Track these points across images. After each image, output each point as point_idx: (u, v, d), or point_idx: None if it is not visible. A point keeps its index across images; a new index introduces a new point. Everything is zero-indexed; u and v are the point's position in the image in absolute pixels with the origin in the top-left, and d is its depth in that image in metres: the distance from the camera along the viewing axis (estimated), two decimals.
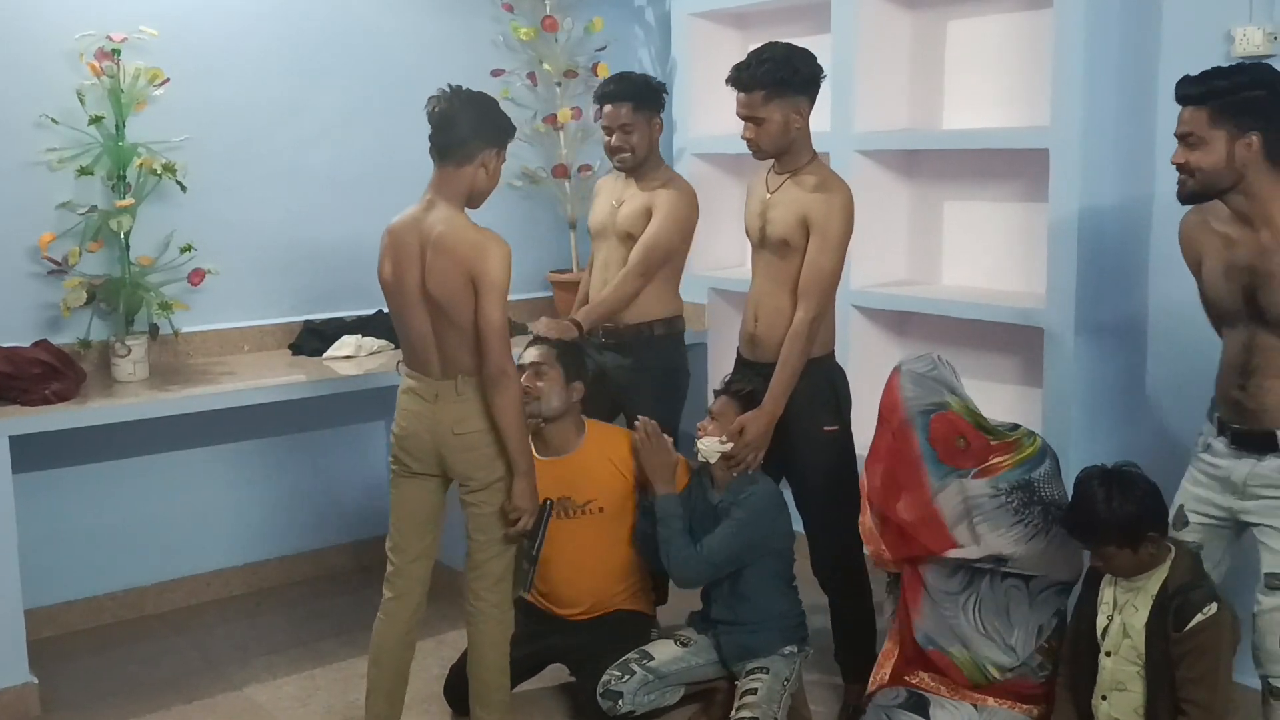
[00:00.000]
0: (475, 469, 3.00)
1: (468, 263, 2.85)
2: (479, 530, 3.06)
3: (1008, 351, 3.95)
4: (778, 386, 3.16)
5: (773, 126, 3.20)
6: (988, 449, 2.97)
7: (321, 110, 4.45)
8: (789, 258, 3.25)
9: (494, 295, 2.85)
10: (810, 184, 3.22)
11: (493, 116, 2.96)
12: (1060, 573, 2.99)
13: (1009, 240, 3.99)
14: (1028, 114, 3.86)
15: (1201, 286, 2.79)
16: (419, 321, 2.98)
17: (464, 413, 2.98)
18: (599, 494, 3.35)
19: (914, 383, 3.05)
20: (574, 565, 3.37)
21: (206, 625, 4.17)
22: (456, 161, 2.92)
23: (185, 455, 4.28)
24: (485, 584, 3.07)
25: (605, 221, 3.83)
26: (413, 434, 3.05)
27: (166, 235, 4.08)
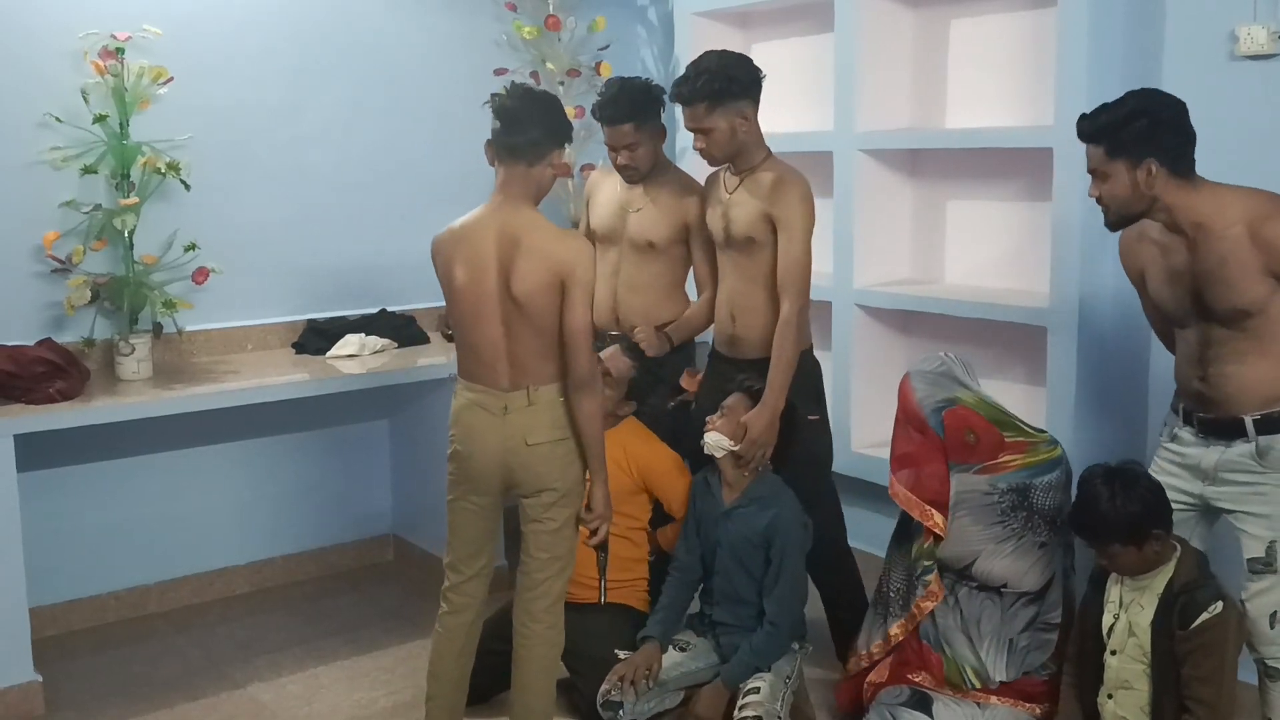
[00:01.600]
0: (550, 480, 2.90)
1: (559, 263, 2.79)
2: (542, 548, 2.94)
3: (1011, 351, 3.95)
4: (776, 380, 3.18)
5: (720, 135, 3.26)
6: (1000, 445, 2.97)
7: (324, 109, 4.45)
8: (756, 254, 3.30)
9: (584, 296, 2.79)
10: (767, 181, 3.27)
11: (560, 115, 2.93)
12: (1026, 582, 3.00)
13: (1012, 239, 4.00)
14: (1031, 113, 3.86)
15: (1145, 298, 2.90)
16: (492, 327, 2.87)
17: (537, 423, 2.88)
18: None
19: (924, 382, 3.07)
20: None
21: (209, 624, 4.17)
22: (529, 161, 2.87)
23: (189, 454, 4.28)
24: (543, 604, 2.95)
25: (613, 226, 3.75)
26: (477, 452, 2.92)
27: (170, 234, 4.08)
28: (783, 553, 3.12)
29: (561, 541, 2.95)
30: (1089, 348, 3.56)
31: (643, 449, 3.42)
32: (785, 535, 3.13)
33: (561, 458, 2.90)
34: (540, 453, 2.89)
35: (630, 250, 3.73)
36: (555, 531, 2.93)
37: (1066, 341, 3.56)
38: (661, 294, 3.73)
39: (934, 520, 3.04)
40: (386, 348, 4.29)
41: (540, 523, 2.94)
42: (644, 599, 3.49)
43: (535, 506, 2.93)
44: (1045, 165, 3.65)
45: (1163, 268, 2.77)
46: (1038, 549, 2.97)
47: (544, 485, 2.91)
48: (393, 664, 3.79)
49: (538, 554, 2.95)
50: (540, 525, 2.94)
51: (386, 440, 4.69)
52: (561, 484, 2.91)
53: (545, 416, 2.89)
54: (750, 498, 3.19)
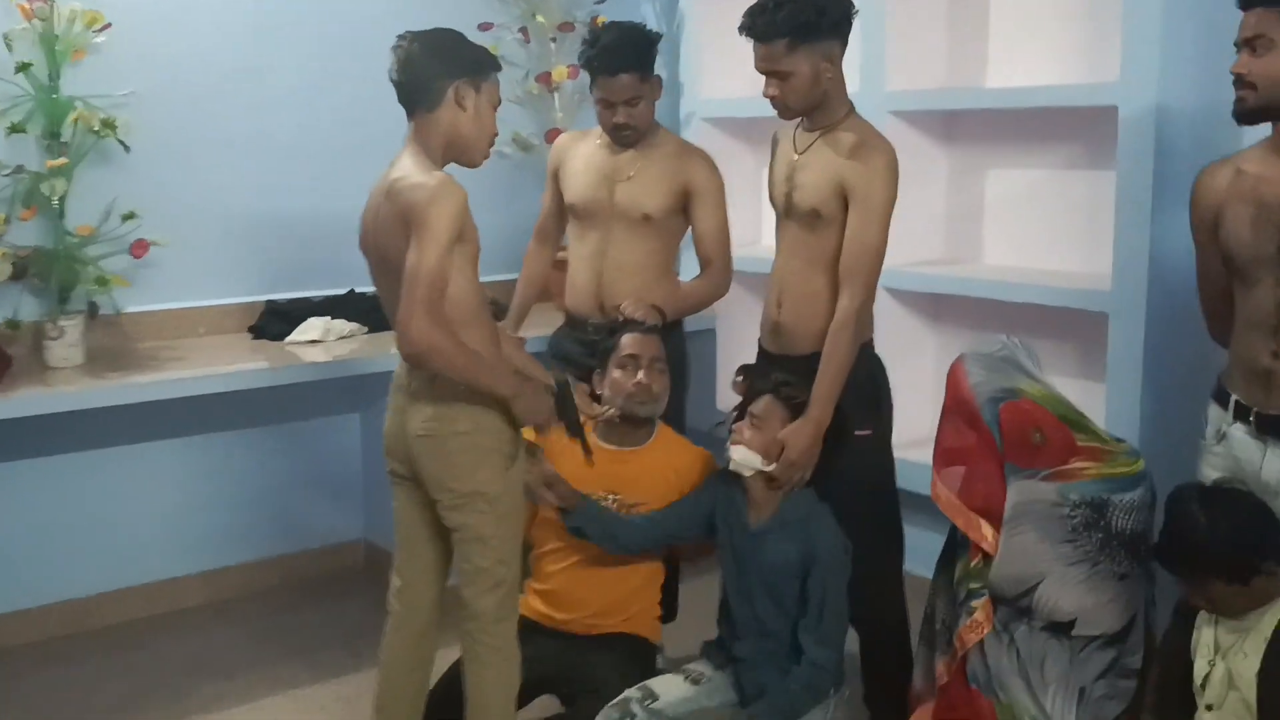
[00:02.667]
0: (446, 478, 2.51)
1: (406, 206, 2.37)
2: (464, 558, 2.56)
3: (1061, 340, 3.48)
4: (823, 389, 2.67)
5: (800, 80, 2.71)
6: (1071, 449, 2.49)
7: (289, 67, 3.97)
8: (820, 231, 2.79)
9: (426, 239, 2.32)
10: (847, 144, 2.74)
11: (454, 43, 2.49)
12: (1102, 622, 2.53)
13: (1064, 213, 3.54)
14: (1089, 68, 3.39)
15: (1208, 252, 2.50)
16: (385, 289, 2.53)
17: (432, 412, 2.50)
18: (650, 499, 2.89)
19: (981, 366, 2.59)
20: (589, 573, 2.92)
21: (156, 642, 3.71)
22: (426, 105, 2.46)
23: (133, 451, 3.82)
24: (479, 625, 2.56)
25: (597, 198, 3.25)
26: (391, 434, 2.62)
27: (108, 203, 3.62)
28: (824, 585, 2.64)
29: (484, 551, 2.53)
30: (1158, 338, 3.10)
31: (692, 457, 2.96)
32: (826, 564, 2.65)
33: (455, 454, 2.49)
34: (426, 446, 2.50)
35: (620, 226, 3.24)
36: (471, 542, 2.53)
37: (1132, 330, 3.10)
38: (654, 276, 3.26)
39: (982, 533, 2.58)
40: (355, 333, 3.83)
41: (457, 531, 2.54)
42: (657, 627, 3.05)
43: (443, 508, 2.54)
44: (1106, 127, 3.19)
45: (1252, 202, 2.33)
46: (1116, 581, 2.49)
47: (439, 485, 2.52)
48: (354, 693, 3.33)
49: (463, 566, 2.57)
50: (458, 534, 2.55)
51: (357, 436, 4.24)
52: (459, 484, 2.50)
53: (430, 403, 2.48)
54: (782, 520, 2.70)
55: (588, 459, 2.77)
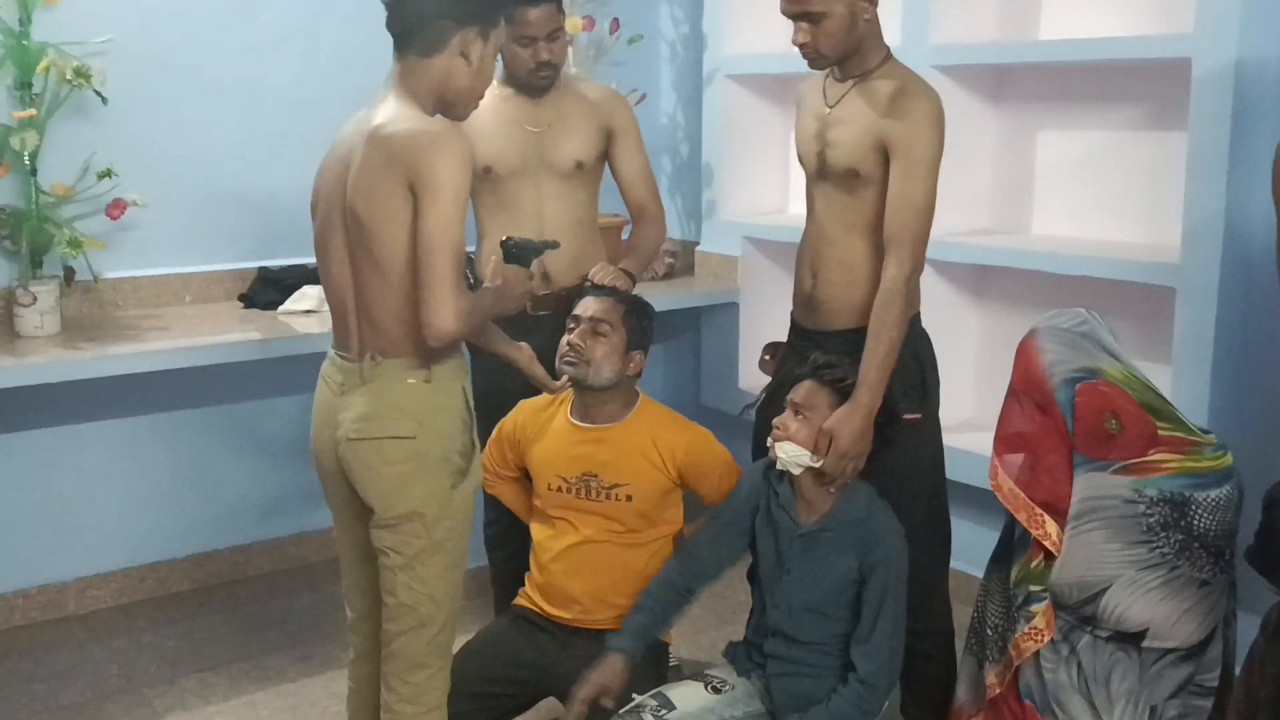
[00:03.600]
0: (378, 496, 2.13)
1: (405, 157, 2.02)
2: (389, 590, 2.18)
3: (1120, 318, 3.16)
4: (872, 370, 2.38)
5: (835, 22, 2.40)
6: (1151, 439, 2.21)
7: (281, 12, 3.67)
8: (859, 192, 2.49)
9: (440, 201, 1.99)
10: (886, 91, 2.44)
11: None
12: (1178, 633, 2.26)
13: (1125, 179, 3.23)
14: (1158, 18, 3.08)
15: None
16: (337, 263, 2.17)
17: (368, 409, 2.12)
18: (631, 480, 2.63)
19: (1057, 342, 2.30)
20: (582, 557, 2.66)
21: (135, 630, 3.47)
22: (420, 48, 2.11)
23: (113, 426, 3.57)
24: (395, 668, 2.20)
25: (521, 153, 2.92)
26: (316, 439, 2.25)
27: (85, 159, 3.34)
28: (883, 593, 2.36)
29: (413, 585, 2.15)
30: (1232, 315, 2.82)
31: (677, 433, 2.66)
32: (887, 571, 2.36)
33: (395, 465, 2.11)
34: (363, 453, 2.11)
35: (552, 181, 2.93)
36: (402, 568, 2.16)
37: (1203, 307, 2.81)
38: (591, 234, 3.03)
39: (1045, 530, 2.30)
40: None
41: (384, 554, 2.16)
42: None
43: (374, 529, 2.17)
44: (1176, 83, 2.89)
45: None
46: (1196, 588, 2.22)
47: (371, 499, 2.16)
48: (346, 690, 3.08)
49: (386, 597, 2.19)
50: (384, 559, 2.17)
51: None
52: (391, 503, 2.13)
53: (382, 403, 2.11)
54: (838, 520, 2.42)
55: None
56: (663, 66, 4.49)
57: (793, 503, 2.46)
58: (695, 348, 4.42)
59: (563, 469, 2.65)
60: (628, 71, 4.17)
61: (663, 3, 4.45)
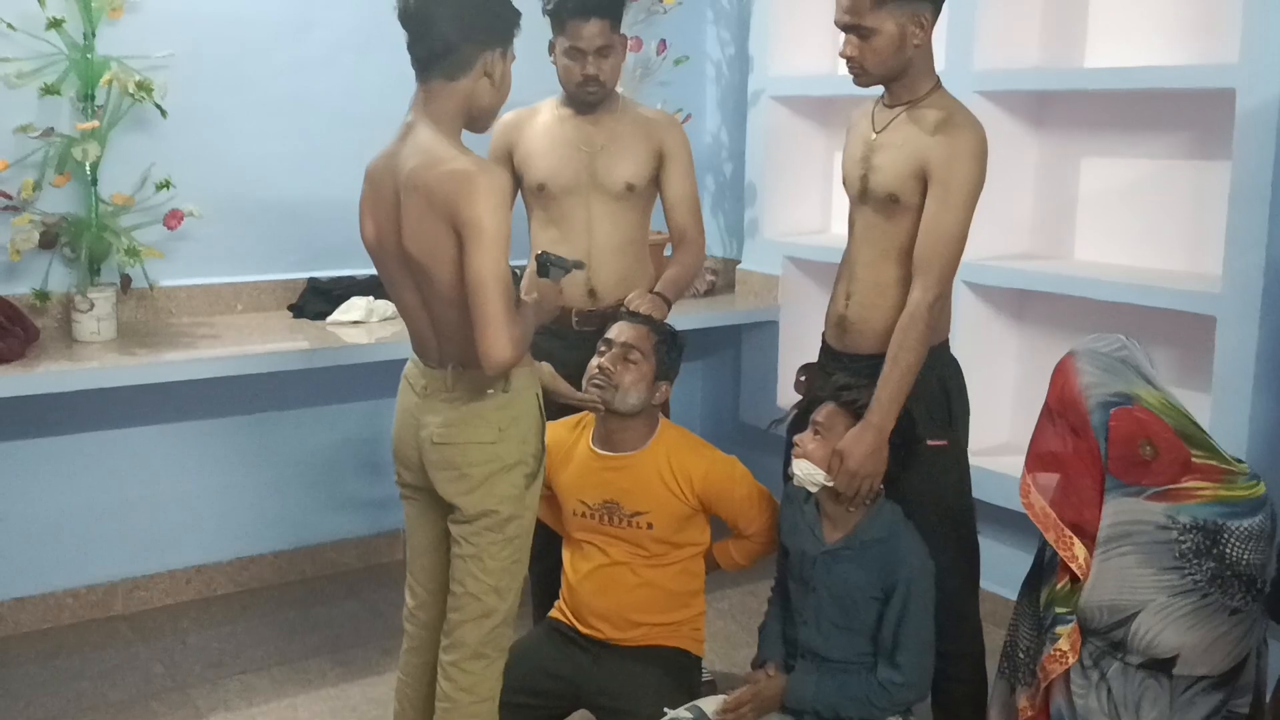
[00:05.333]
0: (459, 494, 2.29)
1: (446, 202, 2.11)
2: (457, 579, 2.33)
3: (1160, 345, 3.18)
4: (887, 392, 2.40)
5: (883, 40, 2.41)
6: (1185, 466, 2.21)
7: (335, 27, 3.76)
8: (897, 218, 2.51)
9: (484, 242, 2.08)
10: (931, 121, 2.46)
11: (486, 3, 2.21)
12: (1209, 661, 2.25)
13: (1167, 207, 3.23)
14: (1202, 48, 3.09)
15: None
16: (407, 292, 2.30)
17: (451, 417, 2.27)
18: (652, 508, 2.66)
19: (1094, 365, 2.30)
20: (607, 580, 2.70)
21: (180, 631, 3.54)
22: (446, 72, 2.18)
23: (164, 430, 3.64)
24: (456, 657, 2.33)
25: (575, 172, 2.95)
26: (399, 437, 2.40)
27: (144, 170, 3.44)
28: (903, 610, 2.38)
29: (481, 575, 2.30)
30: (1273, 346, 2.82)
31: (694, 460, 2.68)
32: (909, 587, 2.38)
33: (478, 467, 2.26)
34: (447, 455, 2.27)
35: (601, 200, 2.97)
36: (472, 558, 2.30)
37: (1244, 335, 2.81)
38: (639, 254, 3.05)
39: (1072, 552, 2.31)
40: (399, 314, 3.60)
41: (457, 544, 2.32)
42: (699, 640, 2.79)
43: (452, 523, 2.33)
44: (1221, 112, 2.90)
45: None
46: (1228, 616, 2.22)
47: (453, 499, 2.30)
48: (386, 695, 3.11)
49: (454, 586, 2.34)
50: (457, 547, 2.32)
51: None
52: (478, 501, 2.28)
53: (464, 410, 2.26)
54: (861, 539, 2.44)
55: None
56: (708, 87, 4.54)
57: (817, 521, 2.49)
58: (735, 365, 4.46)
59: (585, 495, 2.69)
60: (674, 91, 4.22)
61: (709, 25, 4.49)
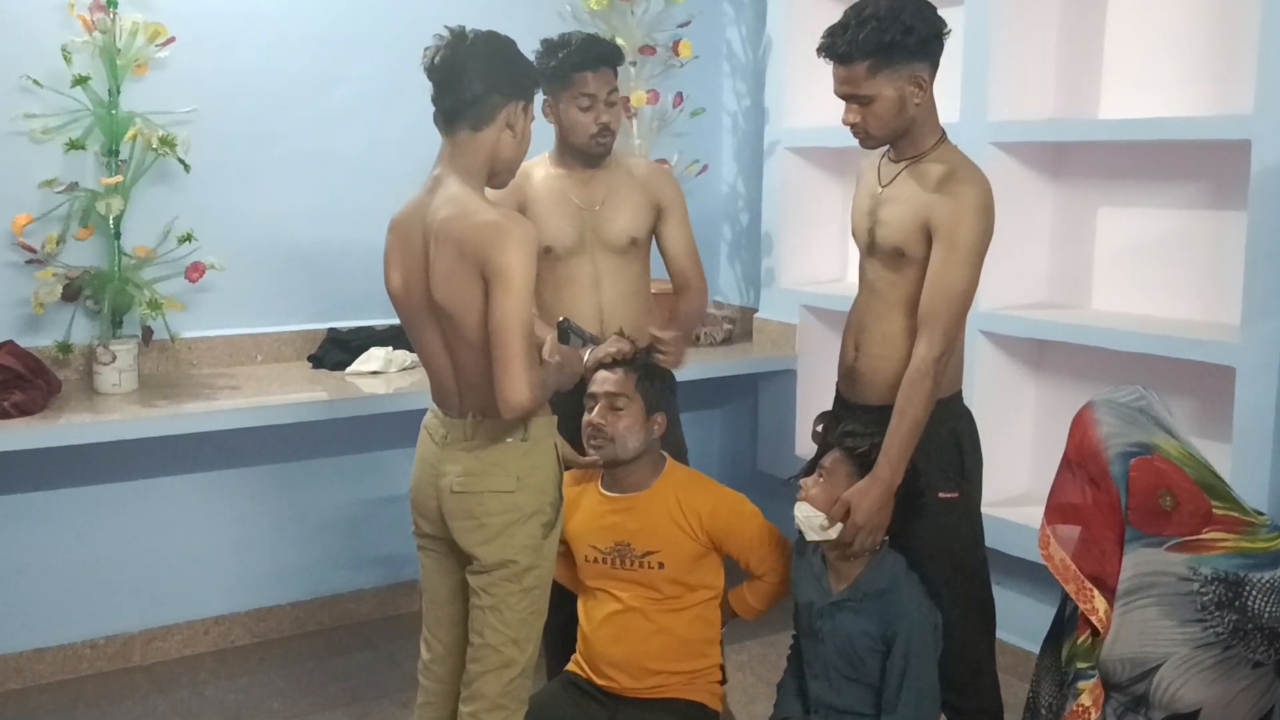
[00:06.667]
0: (477, 544, 2.30)
1: (477, 251, 2.16)
2: (475, 630, 2.34)
3: (1179, 396, 3.17)
4: (894, 446, 2.39)
5: (884, 105, 2.44)
6: (1206, 518, 2.20)
7: (356, 84, 3.82)
8: (903, 270, 2.51)
9: (511, 289, 2.14)
10: (935, 175, 2.46)
11: (511, 59, 2.28)
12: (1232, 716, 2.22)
13: (1184, 257, 3.23)
14: (1217, 99, 3.10)
15: None
16: (432, 340, 2.33)
17: (472, 465, 2.29)
18: (662, 547, 2.65)
19: (1113, 415, 2.30)
20: (621, 627, 2.67)
21: (198, 684, 3.54)
22: (472, 125, 2.24)
23: (182, 481, 3.66)
24: (475, 709, 2.34)
25: (578, 231, 2.95)
26: (418, 488, 2.42)
27: (167, 224, 3.48)
28: (905, 661, 2.37)
29: (500, 626, 2.31)
30: None
31: (702, 497, 2.68)
32: (908, 639, 2.37)
33: (497, 517, 2.28)
34: (466, 504, 2.30)
35: (607, 257, 2.98)
36: (491, 609, 2.31)
37: (1264, 387, 2.80)
38: (646, 302, 3.07)
39: (1093, 604, 2.30)
40: (417, 364, 3.64)
41: (475, 594, 2.33)
42: (716, 693, 2.77)
43: (470, 573, 2.34)
44: (1236, 163, 2.90)
45: None
46: (1250, 669, 2.20)
47: (472, 549, 2.32)
48: None
49: (473, 637, 2.35)
50: (476, 599, 2.33)
51: None
52: (491, 552, 2.29)
53: (485, 459, 2.30)
54: (863, 590, 2.44)
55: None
56: (724, 138, 4.58)
57: (824, 572, 2.49)
58: (753, 413, 4.46)
59: (596, 540, 2.68)
60: (690, 142, 4.26)
61: (725, 77, 4.54)
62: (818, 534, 2.43)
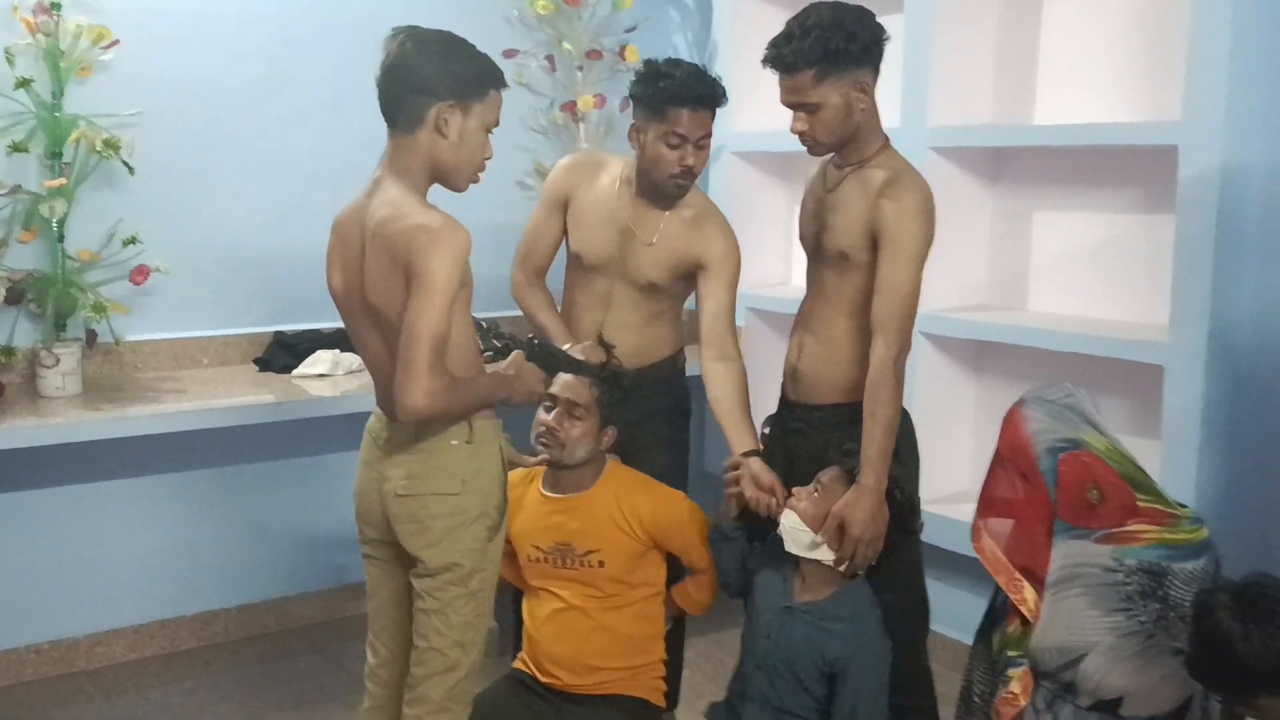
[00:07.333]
0: (422, 548, 2.29)
1: (405, 253, 2.14)
2: (420, 634, 2.33)
3: (1114, 395, 3.25)
4: (874, 450, 2.41)
5: (831, 112, 2.48)
6: (1131, 510, 2.27)
7: (306, 88, 3.83)
8: (849, 275, 2.56)
9: (426, 292, 2.10)
10: (878, 181, 2.51)
11: (446, 59, 2.20)
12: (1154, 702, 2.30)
13: (1117, 260, 3.31)
14: (1147, 105, 3.19)
15: None
16: (372, 341, 2.31)
17: (415, 469, 2.28)
18: (602, 546, 2.68)
19: (1043, 412, 2.37)
20: (564, 626, 2.71)
21: (144, 688, 3.52)
22: (405, 126, 2.22)
23: (127, 485, 3.65)
24: (420, 711, 2.32)
25: (608, 256, 2.92)
26: (362, 492, 2.40)
27: (111, 226, 3.47)
28: (856, 699, 2.39)
29: (445, 630, 2.30)
30: (1218, 393, 2.88)
31: (642, 497, 2.71)
32: (862, 679, 2.38)
33: (441, 520, 2.27)
34: (410, 508, 2.27)
35: (625, 288, 2.94)
36: (436, 613, 2.30)
37: (1190, 385, 2.88)
38: (660, 330, 3.00)
39: (1022, 595, 2.36)
40: (364, 367, 3.63)
41: (420, 598, 2.31)
42: (659, 689, 2.80)
43: (415, 577, 2.32)
44: (1166, 169, 2.98)
45: None
46: (1172, 657, 2.27)
47: (417, 552, 2.30)
48: None
49: (418, 640, 2.33)
50: (420, 603, 2.31)
51: None
52: (441, 555, 2.28)
53: (428, 462, 2.27)
54: (828, 609, 2.44)
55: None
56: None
57: (792, 574, 2.50)
58: (700, 413, 4.48)
59: (538, 540, 2.71)
60: None
61: None
62: (802, 550, 2.43)
